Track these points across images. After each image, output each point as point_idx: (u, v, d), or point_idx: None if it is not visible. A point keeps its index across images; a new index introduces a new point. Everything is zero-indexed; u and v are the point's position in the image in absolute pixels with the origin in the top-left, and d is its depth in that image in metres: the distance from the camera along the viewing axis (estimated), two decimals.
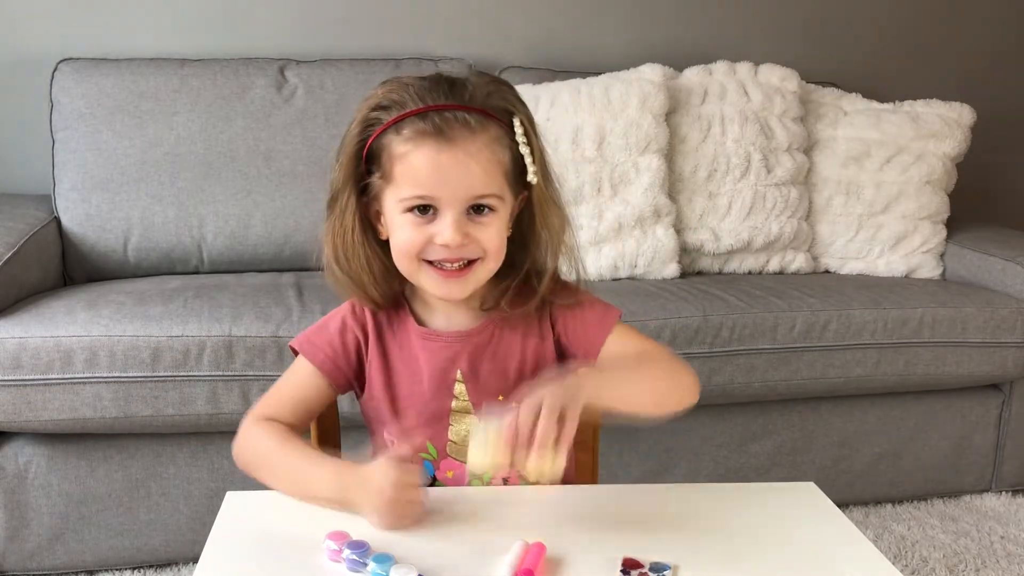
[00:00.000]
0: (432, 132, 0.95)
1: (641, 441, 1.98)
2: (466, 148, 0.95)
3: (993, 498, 2.22)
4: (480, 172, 0.96)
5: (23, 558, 1.74)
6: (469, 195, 0.96)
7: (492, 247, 0.99)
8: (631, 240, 2.18)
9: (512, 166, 1.00)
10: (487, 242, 0.99)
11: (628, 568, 0.83)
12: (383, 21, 2.47)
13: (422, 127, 0.95)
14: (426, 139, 0.95)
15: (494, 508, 0.96)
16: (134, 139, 2.11)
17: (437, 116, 0.95)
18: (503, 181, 0.99)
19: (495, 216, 0.99)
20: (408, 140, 0.96)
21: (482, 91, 0.98)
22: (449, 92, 0.97)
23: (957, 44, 2.90)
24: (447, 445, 1.06)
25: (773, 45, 2.66)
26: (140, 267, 2.12)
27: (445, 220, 0.96)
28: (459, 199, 0.96)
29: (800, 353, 1.97)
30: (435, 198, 0.96)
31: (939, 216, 2.40)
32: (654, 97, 2.22)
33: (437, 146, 0.95)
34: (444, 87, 0.98)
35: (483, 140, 0.96)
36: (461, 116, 0.95)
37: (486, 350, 1.05)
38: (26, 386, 1.64)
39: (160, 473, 1.77)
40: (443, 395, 1.05)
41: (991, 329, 2.09)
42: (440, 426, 1.06)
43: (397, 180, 0.97)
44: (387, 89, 0.98)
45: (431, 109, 0.95)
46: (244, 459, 1.02)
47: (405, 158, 0.96)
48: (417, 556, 0.83)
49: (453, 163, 0.95)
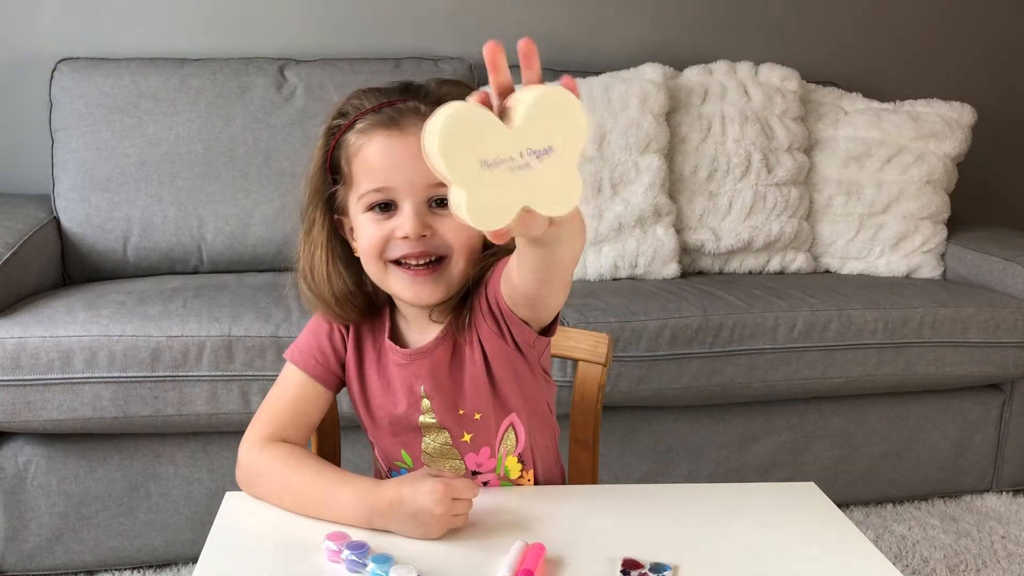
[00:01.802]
0: (383, 123, 0.95)
1: (641, 441, 1.98)
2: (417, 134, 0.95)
3: (994, 498, 2.22)
4: None
5: (23, 558, 1.74)
6: (426, 182, 0.93)
7: (457, 242, 0.96)
8: (631, 240, 2.18)
9: None
10: (451, 235, 0.95)
11: (628, 568, 0.83)
12: (383, 21, 2.47)
13: (374, 119, 0.95)
14: (377, 130, 0.95)
15: (494, 508, 0.96)
16: (134, 139, 2.11)
17: (390, 109, 0.95)
18: None
19: None
20: (361, 134, 0.95)
21: (438, 88, 0.98)
22: (404, 90, 0.98)
23: (957, 44, 2.90)
24: (421, 455, 1.05)
25: (773, 45, 2.66)
26: (140, 267, 2.12)
27: (404, 211, 0.94)
28: (416, 188, 0.94)
29: (800, 353, 1.97)
30: (391, 189, 0.94)
31: (939, 216, 2.40)
32: (654, 97, 2.22)
33: (388, 134, 0.94)
34: (399, 87, 0.98)
35: None
36: (412, 105, 0.95)
37: (446, 365, 1.01)
38: (25, 386, 1.63)
39: (160, 473, 1.77)
40: (413, 409, 1.03)
41: (991, 329, 2.08)
42: (414, 436, 1.04)
43: (355, 178, 0.96)
44: (347, 98, 0.99)
45: (384, 105, 0.96)
46: (256, 490, 0.97)
47: (359, 153, 0.96)
48: (417, 556, 0.83)
49: (405, 150, 0.93)
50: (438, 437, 1.04)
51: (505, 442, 1.05)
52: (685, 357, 1.90)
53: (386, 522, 0.88)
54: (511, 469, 1.07)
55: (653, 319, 1.89)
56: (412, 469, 1.06)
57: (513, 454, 1.06)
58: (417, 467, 1.05)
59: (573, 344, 1.21)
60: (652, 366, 1.88)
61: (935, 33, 2.87)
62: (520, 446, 1.06)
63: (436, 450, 1.04)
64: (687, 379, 1.91)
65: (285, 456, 0.97)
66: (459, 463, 1.05)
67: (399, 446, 1.06)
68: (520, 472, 1.08)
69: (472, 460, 1.05)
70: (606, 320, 1.86)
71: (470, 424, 1.02)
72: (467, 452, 1.04)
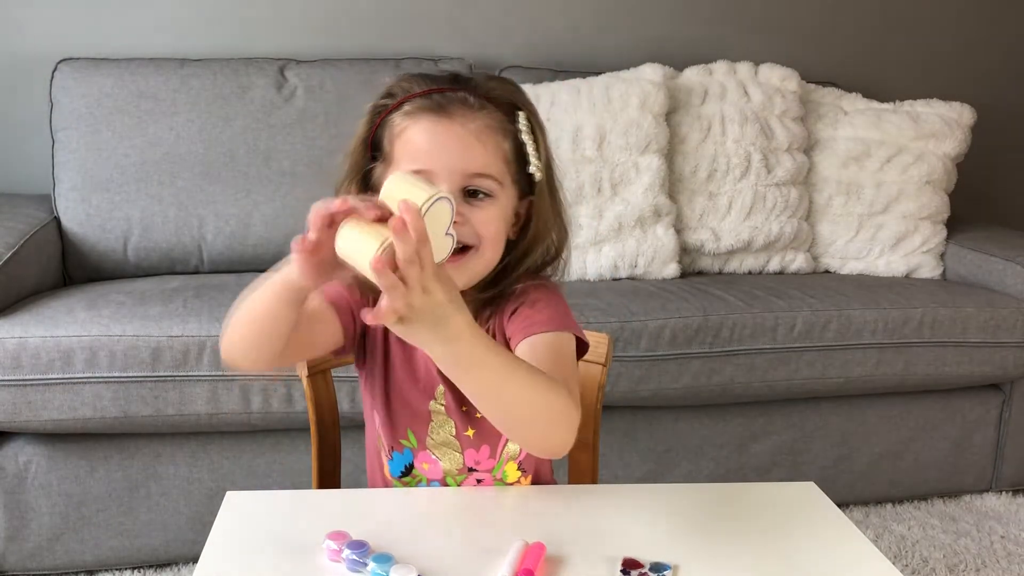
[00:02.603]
0: (431, 107, 0.96)
1: (641, 441, 1.98)
2: (464, 124, 0.95)
3: (993, 498, 2.22)
4: (479, 150, 0.95)
5: (23, 558, 1.74)
6: (465, 170, 0.95)
7: (487, 234, 0.96)
8: (631, 240, 2.18)
9: (514, 158, 0.99)
10: (482, 226, 0.96)
11: (628, 568, 0.83)
12: (383, 21, 2.47)
13: (422, 103, 0.96)
14: (425, 113, 0.96)
15: (494, 508, 0.96)
16: (134, 139, 2.11)
17: (439, 95, 0.96)
18: (503, 167, 0.98)
19: (493, 203, 0.97)
20: (408, 115, 0.97)
21: (486, 83, 1.00)
22: (454, 80, 0.99)
23: (957, 44, 2.90)
24: (426, 439, 1.06)
25: (773, 45, 2.66)
26: (140, 267, 2.12)
27: None
28: (455, 173, 0.94)
29: (800, 353, 1.97)
30: (430, 172, 0.94)
31: (939, 216, 2.40)
32: (654, 97, 2.22)
33: (435, 118, 0.95)
34: (449, 76, 1.00)
35: (483, 121, 0.96)
36: (461, 95, 0.97)
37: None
38: (26, 386, 1.63)
39: (160, 473, 1.77)
40: (426, 393, 1.04)
41: (991, 329, 2.09)
42: (422, 418, 1.05)
43: (396, 158, 0.97)
44: (396, 79, 1.00)
45: (434, 91, 0.97)
46: (226, 337, 0.96)
47: (404, 133, 0.97)
48: (417, 556, 0.83)
49: (449, 136, 0.95)
50: (444, 426, 1.05)
51: (509, 447, 1.05)
52: (685, 357, 1.91)
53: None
54: (508, 473, 1.07)
55: (653, 319, 1.89)
56: (416, 450, 1.06)
57: (515, 460, 1.07)
58: (420, 449, 1.06)
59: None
60: (652, 366, 1.89)
61: (935, 33, 2.87)
62: (523, 453, 1.07)
63: (440, 438, 1.05)
64: (687, 379, 1.92)
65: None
66: (459, 456, 1.05)
67: (406, 425, 1.06)
68: (517, 479, 1.08)
69: (471, 456, 1.05)
70: (606, 320, 1.86)
71: (474, 421, 1.03)
72: (468, 447, 1.05)
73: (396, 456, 1.07)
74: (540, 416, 0.84)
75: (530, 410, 0.83)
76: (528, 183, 1.01)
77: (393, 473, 1.07)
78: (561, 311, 1.00)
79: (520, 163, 1.00)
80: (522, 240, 1.03)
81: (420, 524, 0.92)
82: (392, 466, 1.07)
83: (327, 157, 2.16)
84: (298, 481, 1.80)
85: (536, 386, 0.83)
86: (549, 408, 0.83)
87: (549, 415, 0.84)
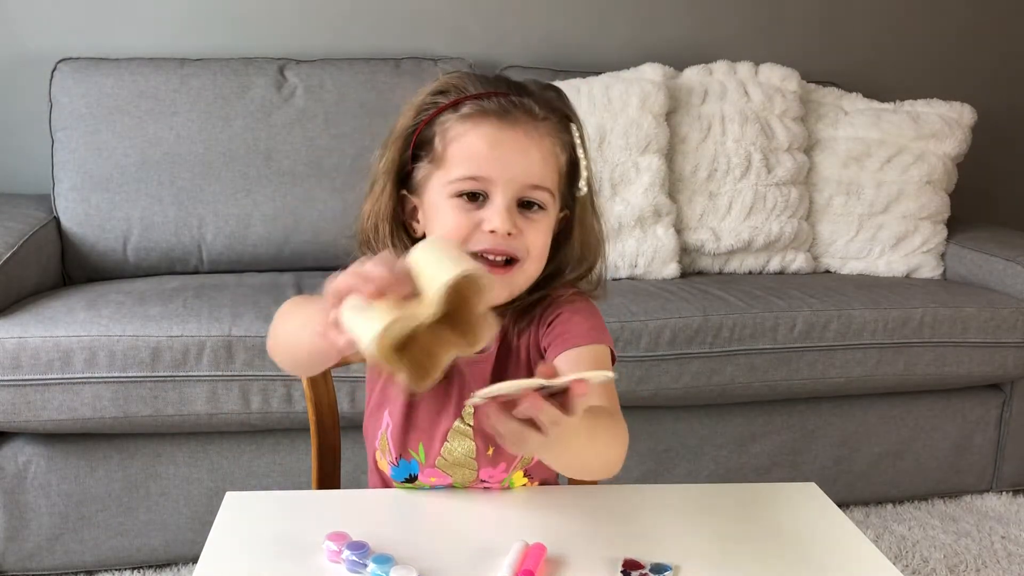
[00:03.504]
0: (495, 112, 0.93)
1: (641, 441, 1.98)
2: (528, 133, 0.93)
3: (993, 498, 2.22)
4: (539, 160, 0.93)
5: (23, 558, 1.74)
6: (525, 181, 0.92)
7: (536, 248, 0.94)
8: (631, 240, 2.18)
9: (566, 170, 0.97)
10: (533, 241, 0.94)
11: (628, 569, 0.83)
12: (383, 21, 2.47)
13: (485, 106, 0.93)
14: (488, 118, 0.93)
15: (494, 508, 0.96)
16: (134, 139, 2.11)
17: (503, 100, 0.93)
18: (556, 179, 0.96)
19: (544, 216, 0.95)
20: (467, 119, 0.93)
21: (544, 91, 0.97)
22: (511, 85, 0.96)
23: (957, 44, 2.90)
24: (436, 459, 1.02)
25: (773, 45, 2.66)
26: (140, 267, 2.11)
27: (495, 205, 0.92)
28: (514, 183, 0.92)
29: (800, 353, 1.97)
30: (489, 180, 0.92)
31: (939, 216, 2.40)
32: (654, 97, 2.22)
33: (499, 125, 0.92)
34: (506, 80, 0.97)
35: (545, 130, 0.94)
36: (527, 103, 0.94)
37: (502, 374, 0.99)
38: (25, 386, 1.63)
39: (160, 473, 1.77)
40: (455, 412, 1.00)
41: (991, 329, 2.08)
42: (438, 438, 1.01)
43: (449, 161, 0.94)
44: (448, 77, 0.97)
45: (494, 94, 0.94)
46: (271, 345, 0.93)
47: (462, 137, 0.93)
48: (417, 556, 0.83)
49: (513, 144, 0.92)
50: (463, 445, 1.00)
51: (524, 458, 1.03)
52: (685, 357, 1.90)
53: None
54: (515, 481, 1.06)
55: (653, 319, 1.89)
56: (422, 466, 1.03)
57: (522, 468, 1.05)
58: (428, 466, 1.02)
59: None
60: (652, 366, 1.89)
61: (935, 33, 2.87)
62: (534, 461, 1.04)
63: (455, 459, 1.01)
64: (687, 379, 1.91)
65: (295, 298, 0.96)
66: (472, 473, 1.02)
67: (419, 439, 1.02)
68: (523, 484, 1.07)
69: (487, 472, 1.02)
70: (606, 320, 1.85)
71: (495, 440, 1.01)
72: (484, 465, 1.01)
73: (403, 463, 1.04)
74: (609, 455, 0.86)
75: (602, 455, 0.86)
76: (569, 197, 0.99)
77: (396, 477, 1.04)
78: (598, 324, 0.99)
79: (568, 177, 0.98)
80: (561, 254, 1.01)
81: (420, 525, 0.92)
82: (396, 472, 1.04)
83: (327, 157, 2.17)
84: (298, 481, 1.79)
85: (608, 434, 0.85)
86: (613, 442, 0.86)
87: (613, 449, 0.86)
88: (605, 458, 0.87)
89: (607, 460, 0.87)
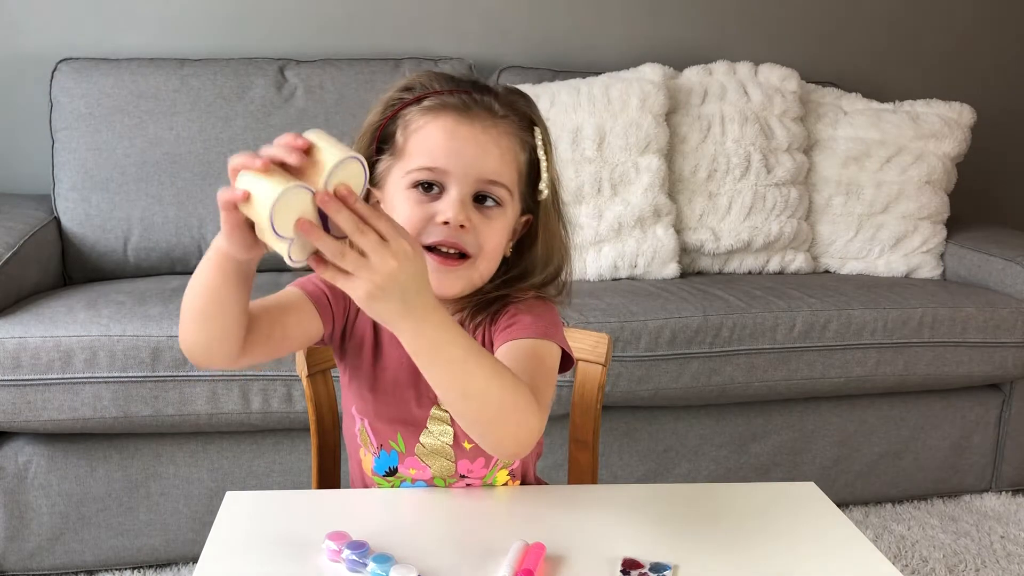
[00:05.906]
0: (456, 106, 0.94)
1: (641, 441, 1.98)
2: (486, 129, 0.94)
3: (993, 498, 2.22)
4: (496, 155, 0.94)
5: (23, 558, 1.74)
6: (480, 175, 0.94)
7: (489, 246, 0.96)
8: (631, 240, 2.18)
9: (526, 171, 0.98)
10: (487, 237, 0.95)
11: (628, 568, 0.83)
12: (383, 21, 2.47)
13: (446, 100, 0.95)
14: (448, 111, 0.94)
15: (494, 508, 0.96)
16: (134, 139, 2.11)
17: (465, 96, 0.95)
18: (515, 178, 0.97)
19: (500, 213, 0.96)
20: (428, 111, 0.95)
21: (509, 94, 0.99)
22: (476, 84, 0.98)
23: (957, 44, 2.90)
24: (416, 446, 1.03)
25: (773, 45, 2.66)
26: (140, 267, 2.12)
27: (450, 197, 0.93)
28: (469, 177, 0.93)
29: (800, 353, 1.97)
30: (444, 171, 0.93)
31: (939, 216, 2.40)
32: (654, 97, 2.22)
33: (458, 119, 0.94)
34: (472, 80, 0.99)
35: (504, 128, 0.96)
36: (488, 101, 0.96)
37: None
38: (26, 386, 1.64)
39: (160, 473, 1.77)
40: (424, 400, 1.02)
41: (991, 329, 2.09)
42: (416, 425, 1.02)
43: (409, 152, 0.95)
44: (415, 74, 0.99)
45: (457, 91, 0.96)
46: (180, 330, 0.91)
47: (422, 129, 0.95)
48: (417, 556, 0.83)
49: (470, 138, 0.94)
50: (443, 434, 1.02)
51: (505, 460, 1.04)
52: (684, 357, 1.91)
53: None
54: (498, 479, 1.06)
55: (653, 319, 1.89)
56: (403, 456, 1.03)
57: (507, 468, 1.06)
58: (408, 455, 1.03)
59: (573, 344, 1.21)
60: (652, 366, 1.89)
61: (935, 33, 2.88)
62: (516, 461, 1.06)
63: (434, 447, 1.03)
64: (686, 379, 1.92)
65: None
66: (451, 464, 1.03)
67: (397, 428, 1.03)
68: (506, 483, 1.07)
69: (464, 466, 1.03)
70: (606, 320, 1.86)
71: None
72: (462, 457, 1.03)
73: (383, 455, 1.04)
74: (502, 413, 0.82)
75: (493, 406, 0.81)
76: (532, 201, 1.00)
77: (377, 471, 1.05)
78: (548, 320, 0.98)
79: (529, 179, 0.99)
80: (522, 258, 1.02)
81: (420, 524, 0.92)
82: (378, 464, 1.05)
83: None
84: (298, 481, 1.80)
85: (502, 382, 0.81)
86: (514, 407, 0.82)
87: (510, 414, 0.82)
88: (503, 427, 0.83)
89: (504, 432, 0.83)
